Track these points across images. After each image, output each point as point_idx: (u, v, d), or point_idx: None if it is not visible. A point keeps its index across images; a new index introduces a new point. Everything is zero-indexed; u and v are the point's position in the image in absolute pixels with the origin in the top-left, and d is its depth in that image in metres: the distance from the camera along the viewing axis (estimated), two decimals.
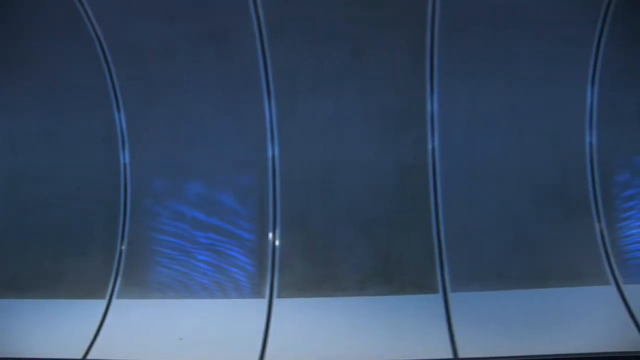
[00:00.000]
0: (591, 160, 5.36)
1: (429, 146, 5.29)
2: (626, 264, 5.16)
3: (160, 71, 5.26)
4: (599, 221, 5.26)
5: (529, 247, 5.19)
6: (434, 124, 5.28)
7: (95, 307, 5.09)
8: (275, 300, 5.00)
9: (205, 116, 5.33)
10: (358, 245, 5.17)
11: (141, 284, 5.22)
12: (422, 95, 5.23)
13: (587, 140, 5.37)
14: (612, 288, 5.02)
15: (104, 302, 5.14)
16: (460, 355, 4.52)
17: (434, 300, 4.93)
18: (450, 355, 4.51)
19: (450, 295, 4.97)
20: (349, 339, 4.69)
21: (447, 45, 5.12)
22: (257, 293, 5.07)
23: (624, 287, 5.03)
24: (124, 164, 5.43)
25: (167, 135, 5.37)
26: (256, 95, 5.25)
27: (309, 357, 4.54)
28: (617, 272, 5.10)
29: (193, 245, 5.30)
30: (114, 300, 5.14)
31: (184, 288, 5.16)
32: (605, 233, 5.24)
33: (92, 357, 4.68)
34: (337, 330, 4.76)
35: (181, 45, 5.17)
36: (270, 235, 5.25)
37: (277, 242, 5.23)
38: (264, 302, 4.99)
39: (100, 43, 5.19)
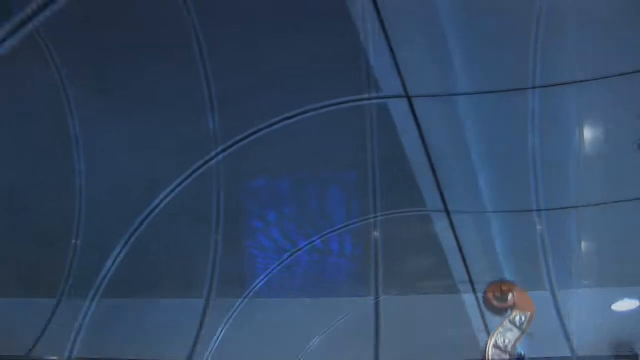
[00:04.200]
0: (218, 179, 5.69)
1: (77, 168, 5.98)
2: (226, 279, 5.45)
3: None
4: (217, 237, 5.59)
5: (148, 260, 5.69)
6: (79, 150, 5.95)
7: None
8: None
9: None
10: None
11: None
12: (66, 124, 5.92)
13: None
14: (201, 301, 5.37)
15: None
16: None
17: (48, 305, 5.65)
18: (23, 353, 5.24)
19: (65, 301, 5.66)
20: None
21: (82, 78, 5.78)
22: None
23: (216, 301, 5.34)
24: None
25: None
26: None
27: None
28: (214, 288, 5.41)
29: None
30: None
31: None
32: (219, 248, 5.56)
33: None
34: None
35: None
36: None
37: None
38: None
39: None
